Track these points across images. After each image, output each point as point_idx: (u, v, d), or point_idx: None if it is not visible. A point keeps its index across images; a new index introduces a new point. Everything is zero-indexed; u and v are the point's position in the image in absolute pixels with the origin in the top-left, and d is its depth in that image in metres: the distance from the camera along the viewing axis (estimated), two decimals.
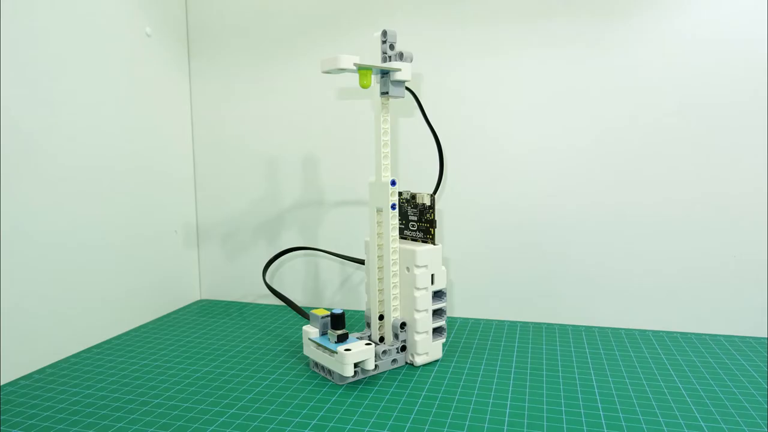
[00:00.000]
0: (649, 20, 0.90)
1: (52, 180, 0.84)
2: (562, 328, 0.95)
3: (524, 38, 0.95)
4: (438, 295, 0.82)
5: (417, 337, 0.79)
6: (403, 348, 0.80)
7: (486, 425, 0.63)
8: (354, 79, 1.04)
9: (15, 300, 0.79)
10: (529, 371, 0.78)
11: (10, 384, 0.76)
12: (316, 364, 0.78)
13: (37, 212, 0.82)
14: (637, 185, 0.93)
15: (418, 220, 0.82)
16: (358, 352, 0.72)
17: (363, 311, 1.07)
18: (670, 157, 0.91)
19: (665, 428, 0.62)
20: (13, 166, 0.78)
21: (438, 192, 0.97)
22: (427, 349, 0.80)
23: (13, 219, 0.78)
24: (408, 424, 0.64)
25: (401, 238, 0.85)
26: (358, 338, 0.78)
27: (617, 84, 0.92)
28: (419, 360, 0.79)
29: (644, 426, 0.63)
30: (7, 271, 0.78)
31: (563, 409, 0.67)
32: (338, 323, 0.76)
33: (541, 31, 0.94)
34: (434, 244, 0.80)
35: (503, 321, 0.99)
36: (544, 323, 0.98)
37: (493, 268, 1.01)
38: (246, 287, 1.16)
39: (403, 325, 0.79)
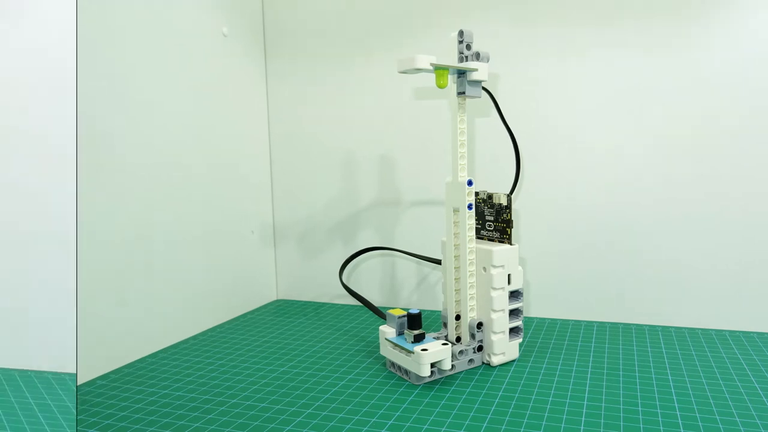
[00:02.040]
0: (723, 20, 0.88)
1: (131, 180, 0.85)
2: (639, 328, 0.93)
3: (600, 38, 0.94)
4: (514, 295, 0.81)
5: (494, 337, 0.78)
6: (480, 348, 0.79)
7: (563, 425, 0.62)
8: (430, 79, 1.04)
9: (92, 301, 0.80)
10: (605, 371, 0.77)
11: (87, 384, 0.78)
12: (393, 364, 0.79)
13: (115, 213, 0.82)
14: (715, 182, 0.90)
15: (494, 220, 0.81)
16: (434, 352, 0.72)
17: (439, 311, 1.07)
18: (750, 155, 0.88)
19: (742, 428, 0.61)
20: (93, 165, 0.79)
21: (514, 192, 0.96)
22: (503, 349, 0.79)
23: (90, 219, 0.79)
24: (485, 424, 0.63)
25: (478, 237, 0.84)
26: (434, 338, 0.78)
27: (695, 84, 0.90)
28: (496, 360, 0.79)
29: (721, 426, 0.61)
30: (85, 273, 0.78)
31: (640, 409, 0.66)
32: (415, 323, 0.76)
33: (618, 31, 0.93)
34: (511, 244, 0.79)
35: (579, 321, 0.98)
36: (621, 323, 0.96)
37: (569, 268, 0.99)
38: (322, 287, 1.17)
39: (479, 325, 0.78)
